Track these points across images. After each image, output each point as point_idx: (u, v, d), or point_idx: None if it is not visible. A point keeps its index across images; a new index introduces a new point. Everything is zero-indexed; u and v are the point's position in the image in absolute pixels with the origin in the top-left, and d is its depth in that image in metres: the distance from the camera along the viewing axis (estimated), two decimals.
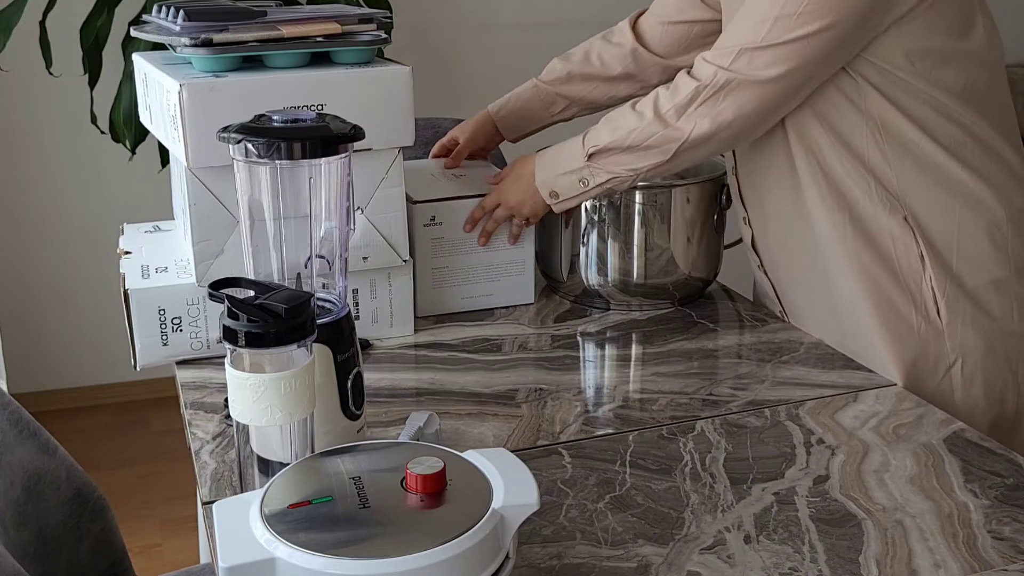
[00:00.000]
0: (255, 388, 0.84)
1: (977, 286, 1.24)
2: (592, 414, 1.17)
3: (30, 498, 1.10)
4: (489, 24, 3.08)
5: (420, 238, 1.38)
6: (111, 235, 1.82)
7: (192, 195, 1.21)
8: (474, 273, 1.43)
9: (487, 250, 1.43)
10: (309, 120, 0.97)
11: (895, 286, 1.25)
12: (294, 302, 0.84)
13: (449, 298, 1.43)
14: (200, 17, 1.19)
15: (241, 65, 1.22)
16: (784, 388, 1.22)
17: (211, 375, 1.24)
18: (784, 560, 0.90)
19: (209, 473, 1.03)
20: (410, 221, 1.34)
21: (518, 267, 1.45)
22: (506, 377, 1.25)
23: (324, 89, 1.21)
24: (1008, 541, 0.92)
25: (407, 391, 1.21)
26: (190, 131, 1.16)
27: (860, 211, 1.24)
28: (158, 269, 1.29)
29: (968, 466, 1.05)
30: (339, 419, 0.98)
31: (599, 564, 0.89)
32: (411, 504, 0.78)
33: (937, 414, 1.16)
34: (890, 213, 1.23)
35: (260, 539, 0.74)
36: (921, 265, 1.23)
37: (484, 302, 1.45)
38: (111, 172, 2.81)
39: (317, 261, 1.00)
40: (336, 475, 0.81)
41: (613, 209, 1.40)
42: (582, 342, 1.36)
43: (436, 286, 1.41)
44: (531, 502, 0.79)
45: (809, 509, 0.97)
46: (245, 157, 0.95)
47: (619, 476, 1.03)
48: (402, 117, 1.25)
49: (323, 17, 1.24)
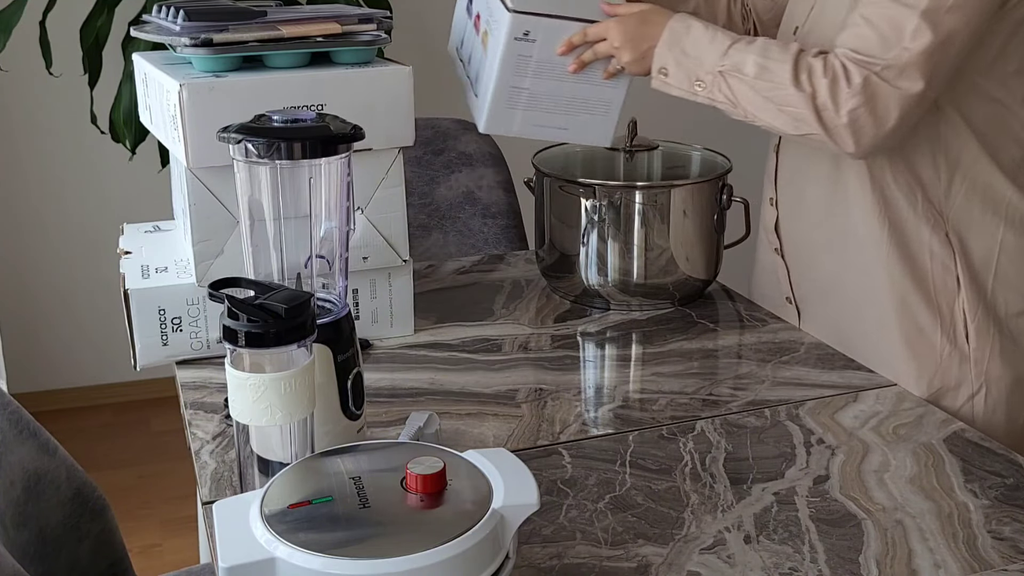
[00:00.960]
0: (255, 388, 0.84)
1: (1009, 315, 1.22)
2: (592, 414, 1.17)
3: (30, 498, 1.10)
4: None
5: (507, 51, 1.26)
6: (111, 235, 1.82)
7: (192, 195, 1.21)
8: (554, 101, 1.31)
9: (575, 80, 1.30)
10: (309, 120, 0.97)
11: (925, 304, 1.22)
12: (294, 302, 0.84)
13: (519, 120, 1.32)
14: (200, 17, 1.19)
15: (241, 65, 1.22)
16: (784, 388, 1.22)
17: (211, 375, 1.24)
18: (784, 560, 0.90)
19: (209, 473, 1.03)
20: (499, 29, 1.25)
21: (603, 107, 1.33)
22: (506, 377, 1.25)
23: (324, 89, 1.21)
24: (1008, 541, 0.92)
25: (407, 391, 1.21)
26: (190, 131, 1.16)
27: (902, 222, 1.21)
28: (158, 269, 1.29)
29: (968, 466, 1.05)
30: (339, 419, 0.98)
31: (599, 564, 0.89)
32: (411, 504, 0.78)
33: (937, 414, 1.16)
34: (932, 228, 1.21)
35: (260, 539, 0.74)
36: (956, 286, 1.21)
37: (555, 135, 1.37)
38: (111, 172, 2.81)
39: (317, 261, 1.00)
40: (336, 475, 0.81)
41: (613, 209, 1.40)
42: (582, 342, 1.36)
43: (510, 107, 1.30)
44: (531, 502, 0.79)
45: (809, 509, 0.97)
46: (245, 157, 0.95)
47: (619, 476, 1.03)
48: (402, 117, 1.25)
49: (323, 17, 1.24)
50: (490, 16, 1.30)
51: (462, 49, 1.41)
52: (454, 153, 2.03)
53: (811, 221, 1.33)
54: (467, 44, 1.39)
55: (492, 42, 1.28)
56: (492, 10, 1.28)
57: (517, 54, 1.26)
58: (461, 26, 1.41)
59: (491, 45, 1.28)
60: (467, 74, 1.39)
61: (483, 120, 1.33)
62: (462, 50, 1.41)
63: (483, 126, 1.33)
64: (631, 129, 1.52)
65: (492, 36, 1.28)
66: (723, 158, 1.48)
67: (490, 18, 1.29)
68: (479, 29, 1.33)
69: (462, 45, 1.41)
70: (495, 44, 1.27)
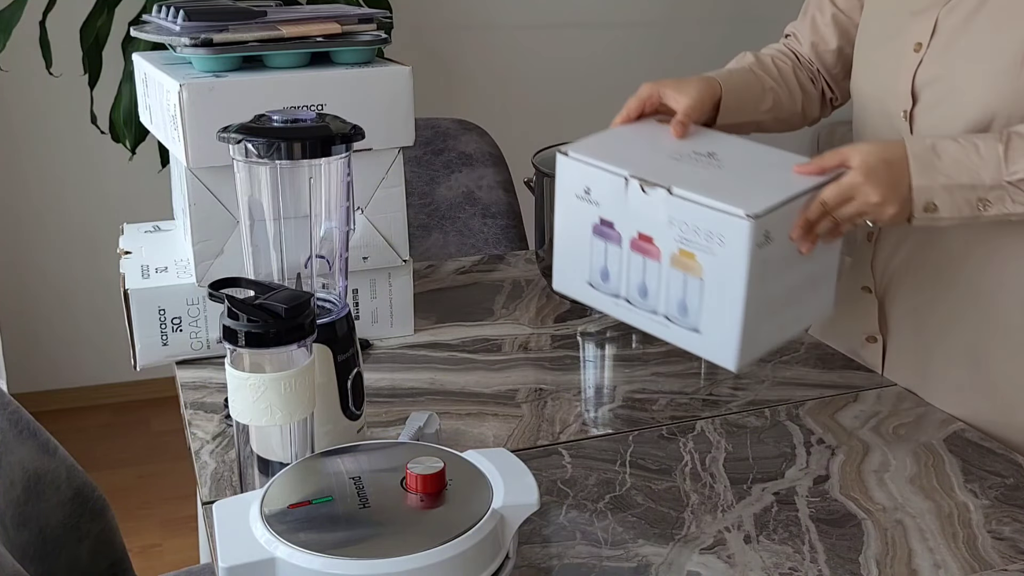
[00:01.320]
0: (255, 388, 0.84)
1: None
2: (592, 414, 1.17)
3: (30, 498, 1.10)
4: (489, 24, 3.08)
5: (751, 264, 0.95)
6: (111, 235, 1.82)
7: (192, 195, 1.21)
8: (787, 294, 1.04)
9: (804, 260, 1.03)
10: (309, 120, 0.97)
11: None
12: (294, 302, 0.84)
13: (765, 336, 1.03)
14: (200, 17, 1.19)
15: (241, 65, 1.22)
16: (784, 388, 1.22)
17: (211, 375, 1.24)
18: (784, 560, 0.90)
19: (209, 473, 1.03)
20: (731, 242, 0.95)
21: (825, 274, 1.08)
22: (506, 377, 1.25)
23: (324, 89, 1.21)
24: (1008, 541, 0.92)
25: (407, 391, 1.21)
26: (190, 131, 1.16)
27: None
28: (158, 269, 1.29)
29: (968, 466, 1.05)
30: (339, 419, 0.98)
31: (599, 564, 0.89)
32: (411, 504, 0.78)
33: (937, 414, 1.16)
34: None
35: (260, 539, 0.74)
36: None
37: (796, 330, 1.14)
38: (111, 172, 2.81)
39: (317, 261, 1.00)
40: (336, 475, 0.81)
41: None
42: (582, 342, 1.36)
43: (757, 325, 0.99)
44: (531, 502, 0.79)
45: (809, 509, 0.97)
46: (245, 157, 0.95)
47: (619, 476, 1.03)
48: (402, 117, 1.25)
49: (323, 17, 1.24)
50: (691, 230, 0.98)
51: (607, 283, 1.06)
52: (454, 153, 2.03)
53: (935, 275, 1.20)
54: (622, 273, 1.05)
55: (719, 261, 0.96)
56: (696, 222, 0.97)
57: (761, 261, 0.96)
58: (585, 254, 1.07)
59: (715, 265, 0.97)
60: (642, 308, 1.04)
61: (734, 356, 0.99)
62: (606, 284, 1.06)
63: (736, 363, 0.99)
64: None
65: (715, 253, 0.96)
66: None
67: (693, 233, 0.97)
68: (660, 249, 1.00)
69: (604, 277, 1.06)
70: (729, 261, 0.96)
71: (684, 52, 3.27)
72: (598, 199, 1.03)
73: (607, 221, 1.03)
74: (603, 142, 1.09)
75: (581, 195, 1.04)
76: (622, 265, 1.03)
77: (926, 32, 1.16)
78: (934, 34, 1.15)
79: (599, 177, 1.03)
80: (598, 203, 1.03)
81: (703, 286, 0.98)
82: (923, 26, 1.16)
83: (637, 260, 1.02)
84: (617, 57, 3.20)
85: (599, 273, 1.06)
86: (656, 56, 3.24)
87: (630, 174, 1.01)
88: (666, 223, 0.98)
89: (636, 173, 1.00)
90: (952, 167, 1.01)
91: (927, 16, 1.16)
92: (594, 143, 1.08)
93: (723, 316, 0.98)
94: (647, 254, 1.01)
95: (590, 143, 1.08)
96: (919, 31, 1.17)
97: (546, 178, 1.46)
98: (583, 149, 1.06)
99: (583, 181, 1.04)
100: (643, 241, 1.01)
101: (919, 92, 1.16)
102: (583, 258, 1.07)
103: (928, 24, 1.16)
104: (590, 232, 1.05)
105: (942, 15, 1.14)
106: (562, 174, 1.06)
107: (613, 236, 1.03)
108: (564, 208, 1.07)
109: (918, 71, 1.16)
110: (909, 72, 1.17)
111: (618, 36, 3.19)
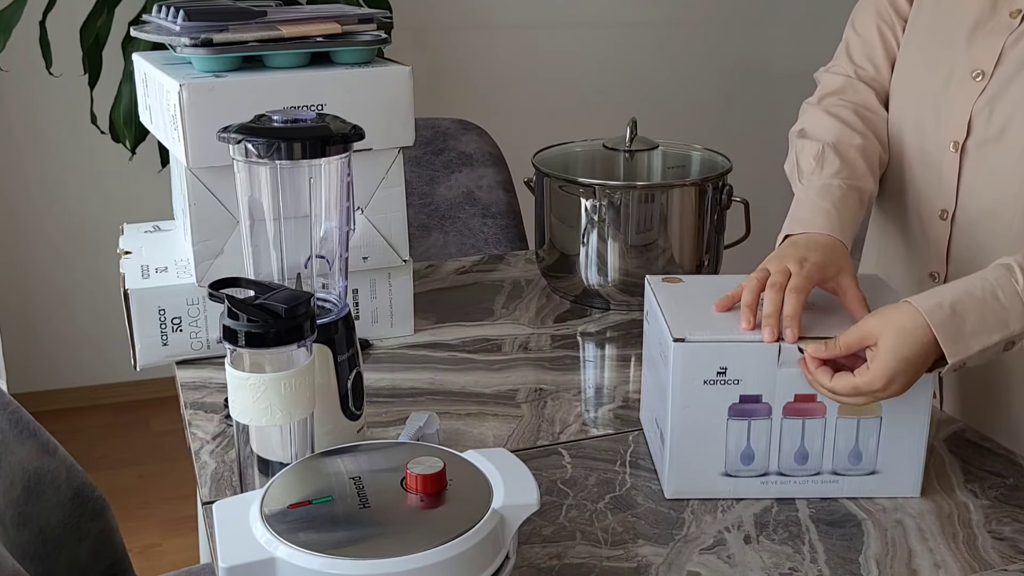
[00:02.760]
0: (255, 388, 0.84)
1: None
2: (592, 414, 1.17)
3: (30, 498, 1.10)
4: (489, 24, 3.08)
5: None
6: (111, 235, 1.82)
7: (192, 195, 1.21)
8: None
9: None
10: (309, 120, 0.97)
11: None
12: (294, 302, 0.84)
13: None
14: (200, 17, 1.19)
15: (241, 65, 1.22)
16: None
17: (211, 375, 1.24)
18: (784, 560, 0.90)
19: (209, 473, 1.03)
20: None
21: None
22: (506, 377, 1.25)
23: (324, 89, 1.21)
24: (1008, 541, 0.92)
25: (407, 391, 1.21)
26: (190, 131, 1.16)
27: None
28: (158, 269, 1.29)
29: (968, 466, 1.05)
30: (339, 419, 0.98)
31: (599, 564, 0.89)
32: (411, 504, 0.78)
33: (937, 414, 1.16)
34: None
35: (260, 539, 0.74)
36: None
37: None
38: (111, 172, 2.81)
39: (317, 261, 1.00)
40: (336, 475, 0.81)
41: (613, 209, 1.40)
42: (582, 342, 1.36)
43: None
44: (531, 502, 0.79)
45: (809, 509, 0.97)
46: (245, 157, 0.95)
47: (619, 476, 1.03)
48: (402, 117, 1.25)
49: (323, 17, 1.24)
50: None
51: (750, 465, 0.99)
52: (454, 153, 2.03)
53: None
54: (772, 446, 0.98)
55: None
56: None
57: None
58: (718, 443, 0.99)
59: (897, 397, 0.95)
60: (801, 475, 1.00)
61: (919, 482, 1.00)
62: (750, 466, 0.99)
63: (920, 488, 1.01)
64: (631, 129, 1.52)
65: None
66: (723, 158, 1.48)
67: None
68: (825, 404, 0.97)
69: (747, 459, 0.99)
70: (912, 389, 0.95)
71: (684, 52, 3.27)
72: (739, 375, 0.96)
73: (752, 396, 0.96)
74: (692, 317, 0.99)
75: (713, 378, 0.96)
76: (771, 438, 0.98)
77: (988, 59, 1.10)
78: (999, 61, 1.09)
79: (739, 352, 0.95)
80: (739, 380, 0.96)
81: (882, 424, 0.97)
82: (985, 53, 1.10)
83: (793, 426, 0.97)
84: (617, 57, 3.20)
85: (740, 457, 0.98)
86: (656, 56, 3.24)
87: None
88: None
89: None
90: (979, 327, 0.93)
91: (991, 42, 1.10)
92: (685, 319, 0.99)
93: (904, 448, 0.98)
94: (807, 414, 0.97)
95: (687, 322, 0.98)
96: (980, 57, 1.11)
97: (546, 178, 1.46)
98: (694, 331, 0.96)
99: (715, 362, 0.95)
100: (801, 403, 0.97)
101: (974, 123, 1.11)
102: (715, 449, 0.98)
103: (991, 51, 1.10)
104: (725, 415, 0.97)
105: (1009, 42, 1.09)
106: (685, 361, 0.95)
107: (760, 410, 0.97)
108: (687, 397, 0.96)
109: (978, 100, 1.10)
110: (967, 101, 1.11)
111: (618, 36, 3.19)
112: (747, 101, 3.37)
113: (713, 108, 3.32)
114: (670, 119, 3.20)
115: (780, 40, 3.36)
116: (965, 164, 1.13)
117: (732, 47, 3.34)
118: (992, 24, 1.11)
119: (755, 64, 3.36)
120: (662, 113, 3.21)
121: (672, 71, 3.27)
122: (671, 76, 3.27)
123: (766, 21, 3.35)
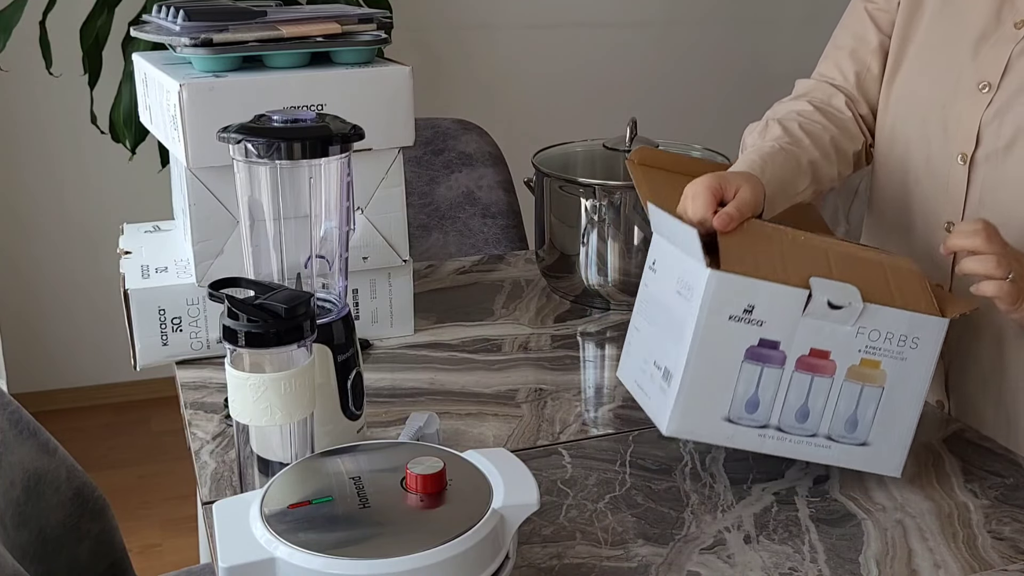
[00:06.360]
0: (255, 388, 0.84)
1: None
2: (592, 414, 1.17)
3: (30, 498, 1.10)
4: (489, 24, 3.08)
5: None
6: (111, 235, 1.82)
7: (192, 195, 1.21)
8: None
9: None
10: (309, 120, 0.97)
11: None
12: (294, 302, 0.84)
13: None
14: (200, 17, 1.19)
15: (241, 65, 1.22)
16: None
17: (211, 375, 1.24)
18: (784, 560, 0.90)
19: (209, 473, 1.03)
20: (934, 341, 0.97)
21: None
22: (506, 377, 1.25)
23: (324, 89, 1.21)
24: (1008, 541, 0.92)
25: (407, 391, 1.21)
26: (190, 131, 1.16)
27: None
28: (158, 269, 1.29)
29: (968, 466, 1.05)
30: (339, 419, 0.98)
31: (599, 564, 0.89)
32: (411, 504, 0.78)
33: (937, 414, 1.16)
34: None
35: (260, 539, 0.74)
36: None
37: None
38: (111, 172, 2.81)
39: (317, 261, 1.00)
40: (336, 475, 0.81)
41: (613, 209, 1.40)
42: (582, 342, 1.36)
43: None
44: (531, 502, 0.79)
45: (809, 509, 0.97)
46: (245, 157, 0.95)
47: (619, 476, 1.03)
48: (402, 117, 1.26)
49: (323, 17, 1.24)
50: (883, 338, 0.97)
51: (753, 414, 0.98)
52: (454, 153, 2.03)
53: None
54: (777, 398, 0.97)
55: (906, 366, 0.98)
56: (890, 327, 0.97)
57: None
58: (728, 384, 0.96)
59: (901, 370, 0.98)
60: (797, 434, 0.99)
61: (902, 462, 1.01)
62: (753, 415, 0.98)
63: (901, 469, 1.01)
64: (631, 129, 1.52)
65: (905, 358, 0.98)
66: (723, 158, 1.48)
67: (885, 341, 0.97)
68: (836, 363, 0.97)
69: (751, 407, 0.98)
70: (918, 363, 0.98)
71: (684, 52, 3.27)
72: (763, 317, 0.94)
73: (770, 341, 0.95)
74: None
75: (738, 315, 0.94)
76: (779, 390, 0.96)
77: (995, 71, 1.09)
78: (1006, 72, 1.08)
79: (769, 293, 0.93)
80: (762, 322, 0.94)
81: (883, 394, 0.97)
82: (991, 64, 1.09)
83: (801, 380, 0.96)
84: (617, 57, 3.20)
85: (745, 404, 0.96)
86: (656, 56, 3.24)
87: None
88: (852, 333, 0.95)
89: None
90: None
91: (996, 53, 1.09)
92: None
93: (895, 423, 0.99)
94: (817, 371, 0.96)
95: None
96: (986, 69, 1.09)
97: (546, 178, 1.46)
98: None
99: (744, 299, 0.93)
100: (815, 357, 0.96)
101: (983, 135, 1.09)
102: (724, 390, 0.96)
103: (998, 62, 1.09)
104: (741, 357, 0.95)
105: (1015, 53, 1.08)
106: (714, 293, 0.93)
107: (775, 358, 0.95)
108: (709, 332, 0.94)
109: (986, 112, 1.09)
110: (975, 113, 1.10)
111: (618, 36, 3.19)
112: (747, 101, 3.37)
113: (713, 108, 3.32)
114: (670, 119, 3.20)
115: (780, 40, 3.36)
116: (974, 176, 1.12)
117: (732, 47, 3.34)
118: (997, 35, 1.10)
119: (755, 64, 3.36)
120: (662, 113, 3.22)
121: (672, 71, 3.27)
122: (671, 76, 3.27)
123: (766, 21, 3.35)
